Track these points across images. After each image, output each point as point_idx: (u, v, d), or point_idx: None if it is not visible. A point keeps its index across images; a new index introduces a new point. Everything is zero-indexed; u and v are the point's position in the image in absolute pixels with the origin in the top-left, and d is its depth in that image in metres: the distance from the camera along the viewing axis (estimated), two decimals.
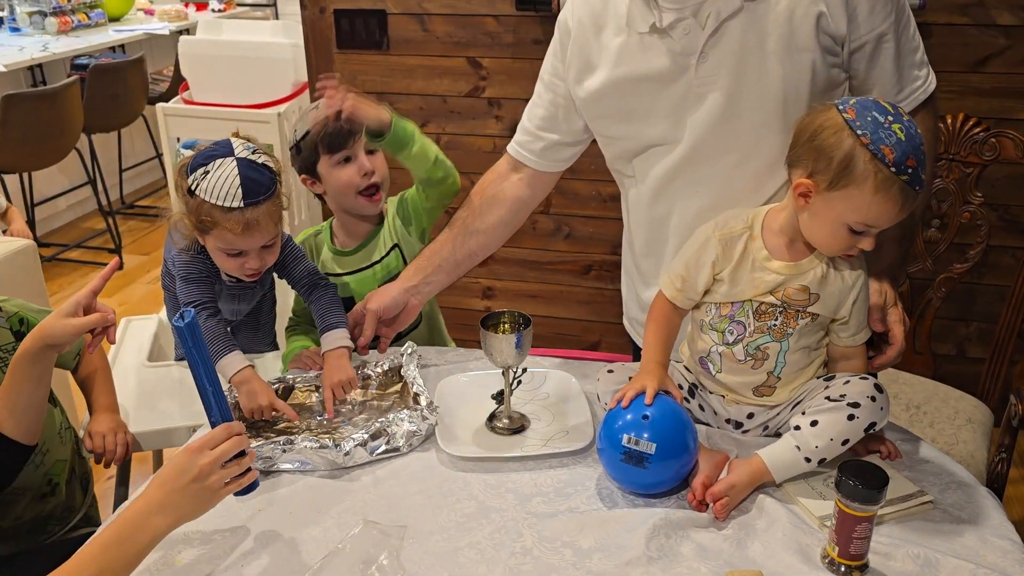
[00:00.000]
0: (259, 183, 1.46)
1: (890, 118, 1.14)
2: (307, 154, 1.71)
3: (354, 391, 1.52)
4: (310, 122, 1.68)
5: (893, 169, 1.11)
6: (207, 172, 1.44)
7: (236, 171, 1.44)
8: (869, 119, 1.13)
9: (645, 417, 1.20)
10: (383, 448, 1.33)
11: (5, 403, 1.34)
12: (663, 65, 1.33)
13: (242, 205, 1.43)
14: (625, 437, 1.19)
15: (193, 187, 1.45)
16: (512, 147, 1.60)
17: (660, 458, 1.19)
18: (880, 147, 1.12)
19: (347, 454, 1.31)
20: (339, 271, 1.78)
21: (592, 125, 1.47)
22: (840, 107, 1.16)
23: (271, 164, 1.50)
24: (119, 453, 1.62)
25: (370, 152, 1.69)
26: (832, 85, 1.33)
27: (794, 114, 1.29)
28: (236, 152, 1.46)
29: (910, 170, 1.12)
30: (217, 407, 1.15)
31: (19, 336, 1.51)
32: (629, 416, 1.21)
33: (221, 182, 1.43)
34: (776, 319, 1.26)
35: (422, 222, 1.78)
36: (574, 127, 1.51)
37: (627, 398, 1.23)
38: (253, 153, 1.48)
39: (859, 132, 1.13)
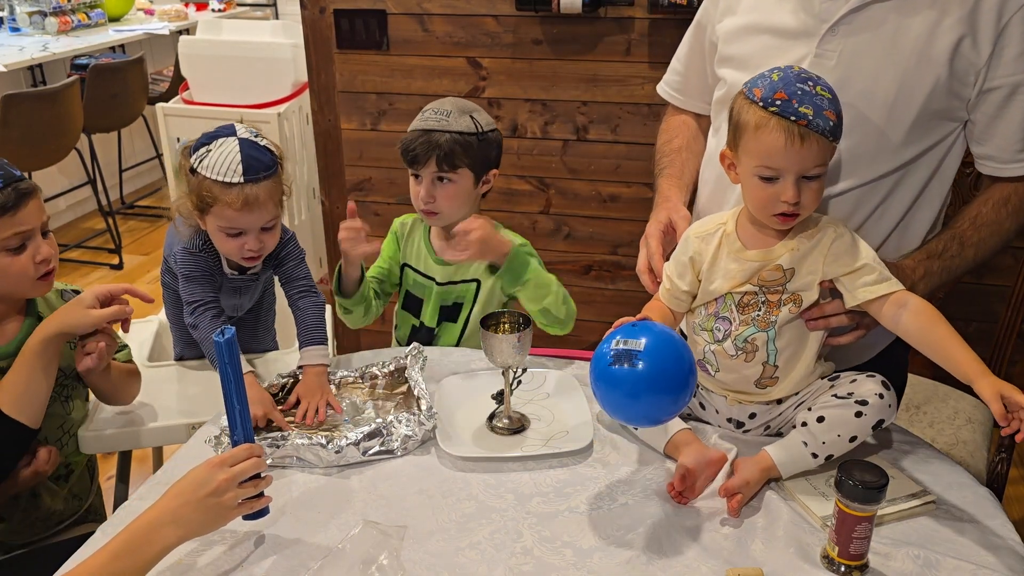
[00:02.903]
0: (260, 161, 1.48)
1: (776, 71, 1.18)
2: None
3: (358, 391, 1.52)
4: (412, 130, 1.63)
5: (761, 104, 1.15)
6: (209, 150, 1.47)
7: (238, 148, 1.46)
8: (757, 75, 1.19)
9: (633, 325, 1.15)
10: (376, 449, 1.33)
11: (13, 388, 1.38)
12: (792, 23, 1.31)
13: (242, 181, 1.46)
14: (613, 341, 1.11)
15: (195, 165, 1.48)
16: (660, 87, 1.65)
17: (651, 353, 1.08)
18: (752, 90, 1.17)
19: (339, 452, 1.31)
20: (432, 276, 1.73)
21: (716, 67, 1.46)
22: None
23: (273, 149, 1.52)
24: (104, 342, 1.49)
25: (442, 179, 1.61)
26: (945, 116, 1.29)
27: (894, 123, 1.27)
28: (239, 133, 1.49)
29: (779, 102, 1.14)
30: (242, 426, 1.16)
31: None
32: (610, 336, 1.14)
33: (222, 159, 1.46)
34: (759, 309, 1.26)
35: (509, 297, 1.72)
36: (711, 68, 1.50)
37: (615, 325, 1.17)
38: (255, 137, 1.51)
39: (744, 86, 1.19)
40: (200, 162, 1.47)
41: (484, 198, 1.72)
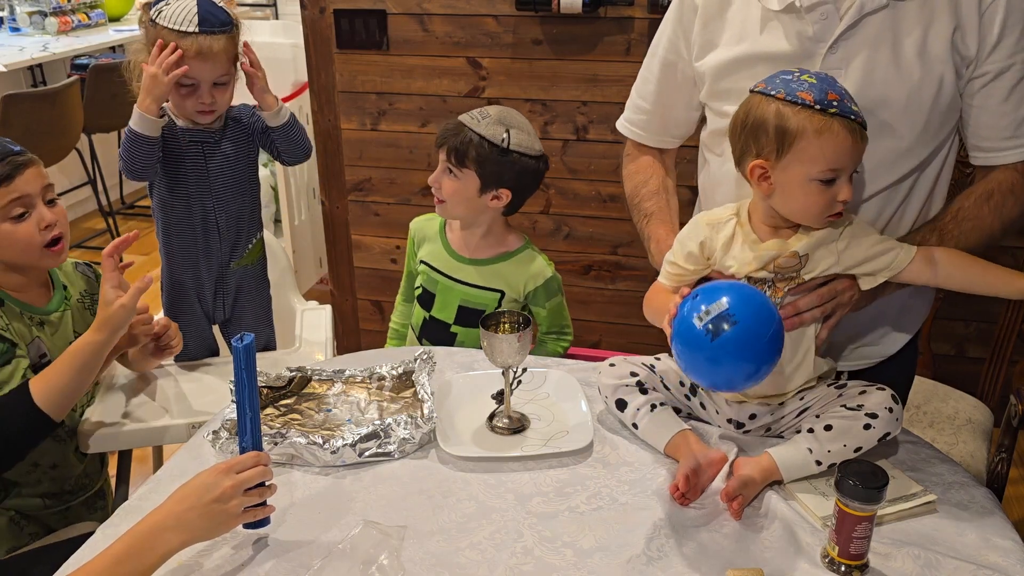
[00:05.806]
0: (216, 16, 1.61)
1: (797, 73, 1.18)
2: None
3: (363, 391, 1.52)
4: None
5: (819, 107, 1.14)
6: (168, 3, 1.60)
7: (195, 3, 1.60)
8: (778, 81, 1.18)
9: (696, 296, 1.10)
10: (373, 451, 1.33)
11: (51, 382, 1.41)
12: (788, 48, 1.30)
13: (197, 31, 1.59)
14: (695, 318, 1.07)
15: (154, 17, 1.60)
16: (622, 124, 1.61)
17: (739, 304, 1.06)
18: (797, 95, 1.15)
19: (335, 453, 1.31)
20: (455, 277, 1.76)
21: (707, 100, 1.44)
22: (753, 88, 1.21)
23: (230, 12, 1.64)
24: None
25: (450, 171, 1.66)
26: (953, 108, 1.30)
27: (910, 126, 1.27)
28: None
29: (835, 103, 1.14)
30: (251, 433, 1.16)
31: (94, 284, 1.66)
32: (685, 305, 1.10)
33: (179, 11, 1.59)
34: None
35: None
36: (686, 102, 1.49)
37: (673, 304, 1.13)
38: None
39: (774, 93, 1.17)
40: (159, 15, 1.60)
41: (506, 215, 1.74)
